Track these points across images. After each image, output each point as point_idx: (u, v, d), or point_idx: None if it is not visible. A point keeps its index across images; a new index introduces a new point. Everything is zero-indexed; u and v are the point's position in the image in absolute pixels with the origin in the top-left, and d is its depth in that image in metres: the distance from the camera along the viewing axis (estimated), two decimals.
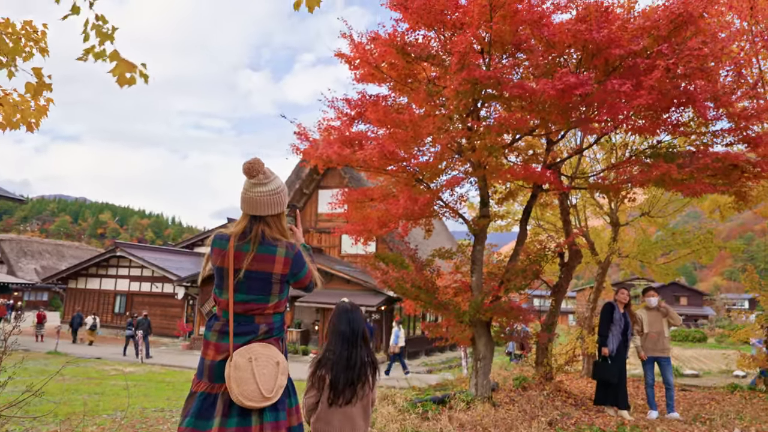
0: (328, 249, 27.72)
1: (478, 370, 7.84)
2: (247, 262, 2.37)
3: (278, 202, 2.45)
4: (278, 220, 2.48)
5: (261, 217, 2.44)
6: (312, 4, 3.09)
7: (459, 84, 6.50)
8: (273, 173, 2.48)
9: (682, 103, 6.80)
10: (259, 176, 2.42)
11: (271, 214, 2.44)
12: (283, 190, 2.49)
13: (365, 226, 7.92)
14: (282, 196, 2.48)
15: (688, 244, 11.40)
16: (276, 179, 2.48)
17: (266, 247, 2.40)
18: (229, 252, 2.38)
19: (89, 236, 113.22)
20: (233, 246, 2.39)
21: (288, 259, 2.42)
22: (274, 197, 2.44)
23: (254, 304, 2.39)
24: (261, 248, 2.39)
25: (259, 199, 2.41)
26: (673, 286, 60.18)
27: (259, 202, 2.41)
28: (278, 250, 2.41)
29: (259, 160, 2.43)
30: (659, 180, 7.03)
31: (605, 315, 7.64)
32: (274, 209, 2.45)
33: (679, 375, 13.94)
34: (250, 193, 2.41)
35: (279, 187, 2.46)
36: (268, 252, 2.40)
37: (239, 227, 2.44)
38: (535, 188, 8.42)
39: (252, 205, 2.42)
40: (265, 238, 2.41)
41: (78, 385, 12.87)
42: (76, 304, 32.22)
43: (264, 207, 2.42)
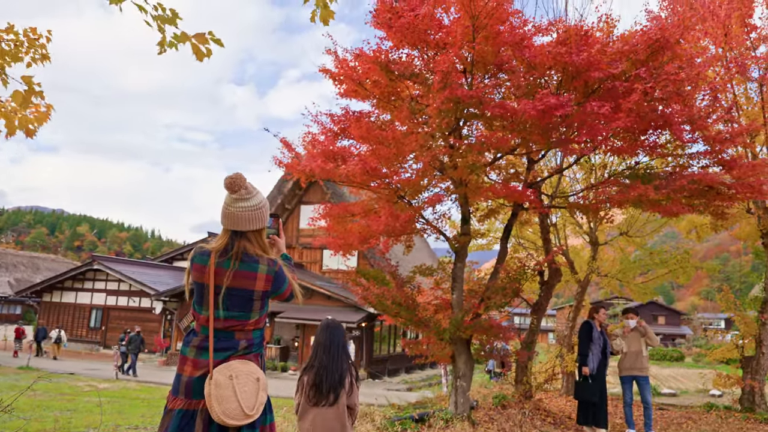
0: (309, 264, 27.59)
1: (457, 388, 7.82)
2: (228, 279, 2.35)
3: (260, 218, 2.44)
4: (259, 235, 2.47)
5: (242, 232, 2.42)
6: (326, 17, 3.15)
7: (441, 102, 6.57)
8: (255, 188, 2.47)
9: (660, 126, 6.94)
10: (240, 191, 2.40)
11: (252, 230, 2.43)
12: (265, 206, 2.48)
13: (346, 240, 7.92)
14: (264, 212, 2.47)
15: (665, 263, 11.56)
16: (258, 194, 2.46)
17: (248, 263, 2.38)
18: (210, 268, 2.36)
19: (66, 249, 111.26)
20: (214, 262, 2.37)
21: (269, 276, 2.40)
22: (256, 212, 2.42)
23: (234, 321, 2.37)
24: (242, 265, 2.37)
25: (241, 214, 2.39)
26: (651, 306, 60.75)
27: (240, 218, 2.39)
28: (260, 266, 2.39)
29: (240, 175, 2.42)
30: (637, 200, 7.14)
31: (584, 334, 7.68)
32: (256, 224, 2.43)
33: (657, 394, 14.05)
34: (232, 209, 2.40)
35: (261, 203, 2.45)
36: (249, 269, 2.38)
37: (220, 243, 2.42)
38: (515, 207, 8.50)
39: (233, 220, 2.40)
40: (247, 254, 2.39)
41: (50, 401, 12.55)
42: (51, 318, 31.56)
43: (245, 222, 2.40)
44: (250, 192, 2.43)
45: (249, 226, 2.41)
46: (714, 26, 9.23)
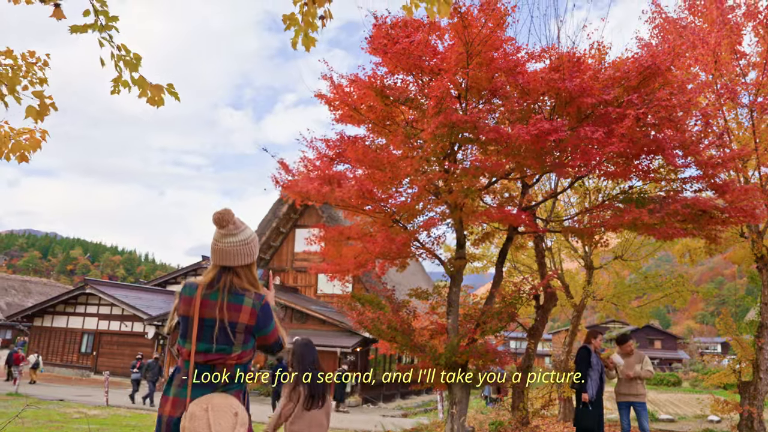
0: (304, 288, 27.45)
1: (453, 414, 7.73)
2: (213, 311, 2.33)
3: (249, 252, 2.43)
4: (248, 270, 2.45)
5: (231, 267, 2.41)
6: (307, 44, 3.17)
7: (436, 127, 6.62)
8: (243, 223, 2.46)
9: (652, 151, 7.01)
10: (229, 227, 2.39)
11: (241, 265, 2.42)
12: (254, 240, 2.46)
13: (341, 265, 7.89)
14: (252, 246, 2.45)
15: (661, 287, 11.55)
16: (246, 229, 2.45)
17: (234, 296, 2.36)
18: (196, 300, 2.34)
19: (59, 272, 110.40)
20: (201, 294, 2.35)
21: (254, 310, 2.37)
22: (245, 247, 2.41)
23: (217, 354, 2.33)
24: (229, 297, 2.36)
25: (230, 249, 2.38)
26: (647, 330, 60.56)
27: (229, 253, 2.38)
28: (245, 299, 2.37)
29: (229, 210, 2.41)
30: (631, 224, 7.17)
31: (583, 360, 7.58)
32: (245, 259, 2.42)
33: (655, 420, 13.91)
34: (221, 244, 2.39)
35: (249, 237, 2.44)
36: (235, 301, 2.36)
37: (208, 277, 2.41)
38: (510, 230, 8.51)
39: (222, 255, 2.39)
40: (234, 287, 2.38)
41: (39, 428, 12.32)
42: (42, 342, 31.15)
43: (234, 257, 2.39)
44: (238, 227, 2.42)
45: (238, 261, 2.40)
46: (704, 53, 9.38)
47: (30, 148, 3.78)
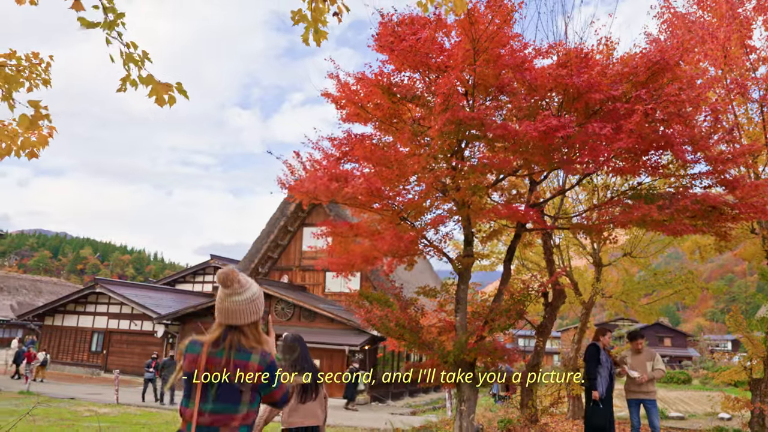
0: (312, 287, 27.51)
1: (462, 412, 7.71)
2: (219, 369, 2.29)
3: (255, 310, 2.41)
4: (255, 327, 2.42)
5: (237, 326, 2.38)
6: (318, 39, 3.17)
7: (443, 124, 6.60)
8: (248, 280, 2.44)
9: (661, 146, 6.96)
10: (234, 285, 2.37)
11: (247, 323, 2.39)
12: (260, 297, 2.44)
13: (349, 261, 7.89)
14: (258, 303, 2.43)
15: (670, 284, 11.48)
16: (251, 286, 2.43)
17: (240, 353, 2.33)
18: (202, 357, 2.31)
19: (69, 272, 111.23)
20: (206, 352, 2.32)
21: (261, 367, 2.34)
22: (251, 305, 2.39)
23: (222, 415, 2.28)
24: (235, 354, 2.33)
25: (236, 308, 2.36)
26: (656, 327, 60.27)
27: (235, 312, 2.36)
28: (252, 356, 2.34)
29: (233, 270, 2.39)
30: (640, 221, 7.12)
31: (592, 357, 7.54)
32: (251, 317, 2.40)
33: (665, 417, 13.83)
34: (226, 303, 2.36)
35: (255, 294, 2.42)
36: (241, 358, 2.32)
37: (213, 335, 2.37)
38: (518, 228, 8.48)
39: (228, 314, 2.36)
40: (240, 346, 2.35)
41: (50, 426, 12.42)
42: (52, 341, 31.41)
43: (240, 316, 2.37)
44: (243, 285, 2.40)
45: (244, 319, 2.38)
46: (713, 48, 9.30)
47: (39, 145, 3.81)
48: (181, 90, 3.08)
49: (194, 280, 39.77)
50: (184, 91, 3.08)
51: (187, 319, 27.04)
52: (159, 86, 3.04)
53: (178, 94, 3.07)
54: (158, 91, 3.05)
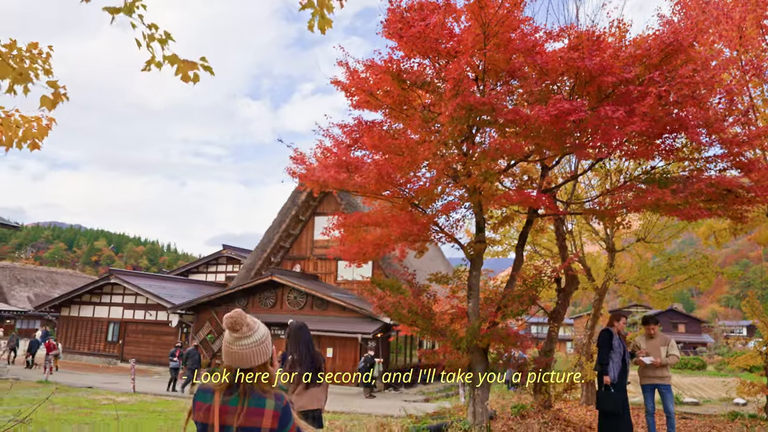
0: (324, 276, 27.62)
1: (475, 397, 7.74)
2: (233, 418, 2.25)
3: (264, 351, 2.37)
4: (264, 368, 2.38)
5: (247, 369, 2.34)
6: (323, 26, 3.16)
7: (454, 110, 6.56)
8: (255, 322, 2.40)
9: (675, 129, 6.87)
10: (243, 329, 2.33)
11: (258, 365, 2.36)
12: (268, 338, 2.41)
13: (360, 249, 7.90)
14: (267, 344, 2.39)
15: (684, 269, 11.38)
16: (259, 328, 2.39)
17: (255, 399, 2.29)
18: (215, 407, 2.27)
19: (84, 264, 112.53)
20: (219, 401, 2.28)
21: (277, 413, 2.29)
22: (260, 347, 2.35)
23: None
24: (249, 401, 2.28)
25: (245, 352, 2.32)
26: (670, 313, 59.95)
27: (245, 355, 2.32)
28: (267, 402, 2.30)
29: (241, 313, 2.35)
30: (654, 205, 7.06)
31: (604, 342, 7.52)
32: (261, 359, 2.36)
33: (679, 403, 13.78)
34: (235, 347, 2.32)
35: (263, 336, 2.38)
36: (256, 405, 2.28)
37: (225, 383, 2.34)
38: (530, 213, 8.44)
39: (237, 359, 2.32)
40: (253, 390, 2.31)
41: (69, 414, 12.63)
42: (69, 332, 31.86)
43: (250, 359, 2.33)
44: (251, 328, 2.36)
45: (254, 362, 2.34)
46: (728, 29, 9.13)
47: (39, 136, 3.82)
48: (206, 66, 3.09)
49: (207, 270, 40.09)
50: (209, 67, 3.09)
51: (201, 308, 27.29)
52: (184, 64, 3.06)
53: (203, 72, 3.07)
54: (183, 69, 3.06)
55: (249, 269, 28.52)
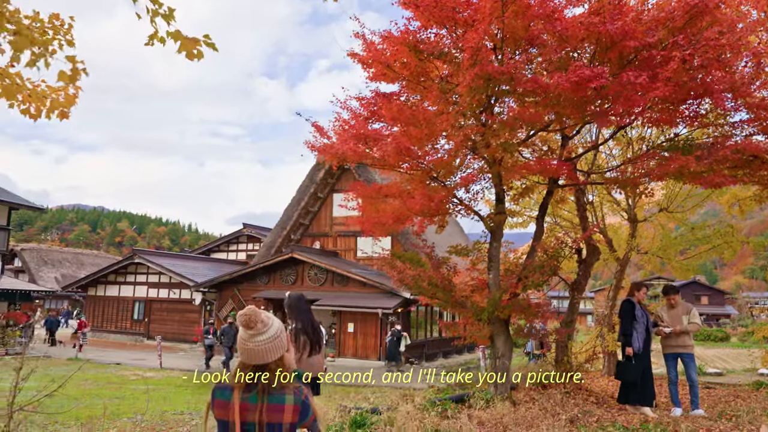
0: (344, 252, 27.78)
1: (497, 368, 7.78)
2: (254, 414, 2.28)
3: (280, 346, 2.39)
4: (281, 363, 2.40)
5: (264, 365, 2.37)
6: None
7: (472, 80, 6.47)
8: (270, 318, 2.41)
9: (700, 95, 6.71)
10: (257, 326, 2.34)
11: (274, 360, 2.38)
12: (283, 333, 2.42)
13: (380, 221, 7.90)
14: (282, 339, 2.41)
15: (708, 239, 11.22)
16: (273, 323, 2.41)
17: (274, 396, 2.31)
18: (234, 405, 2.29)
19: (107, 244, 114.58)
20: (239, 398, 2.30)
21: (297, 407, 2.32)
22: (275, 342, 2.37)
23: None
24: (269, 398, 2.31)
25: (261, 348, 2.34)
26: (693, 285, 59.38)
27: (261, 352, 2.34)
28: (287, 398, 2.32)
29: (255, 310, 2.37)
30: (677, 173, 6.94)
31: (627, 313, 7.49)
32: (277, 354, 2.38)
33: (703, 374, 13.71)
34: (250, 344, 2.33)
35: (278, 331, 2.40)
36: (276, 401, 2.31)
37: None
38: (550, 184, 8.36)
39: (253, 355, 2.34)
40: (272, 388, 2.33)
41: (99, 389, 13.00)
42: (96, 311, 32.61)
43: (266, 355, 2.35)
44: (266, 324, 2.37)
45: (270, 357, 2.35)
46: None
47: (67, 105, 3.86)
48: (209, 43, 3.08)
49: (228, 248, 40.59)
50: (211, 43, 3.08)
51: (223, 286, 27.69)
52: (187, 41, 3.05)
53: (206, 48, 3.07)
54: (186, 45, 3.05)
55: (269, 247, 28.78)
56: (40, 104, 3.69)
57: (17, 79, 3.81)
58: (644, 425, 6.58)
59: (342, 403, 7.39)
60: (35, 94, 3.69)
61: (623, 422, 6.77)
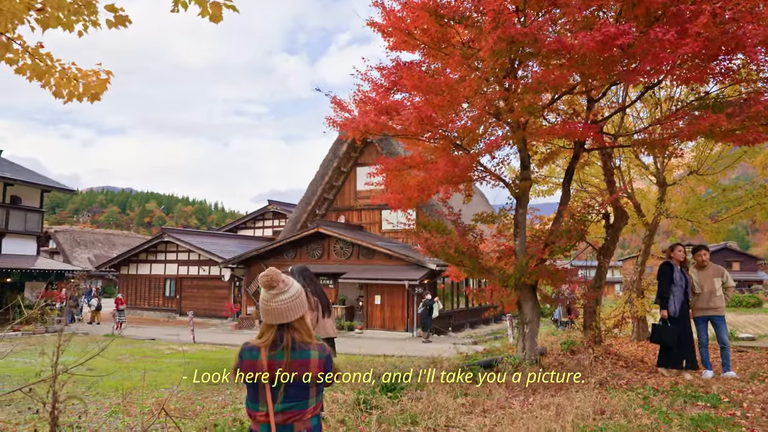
0: (368, 226, 27.90)
1: (524, 334, 7.80)
2: (283, 370, 2.37)
3: (301, 305, 2.47)
4: (303, 322, 2.49)
5: (287, 324, 2.44)
6: None
7: (494, 43, 6.36)
8: (289, 278, 2.50)
9: (731, 50, 6.48)
10: (279, 285, 2.42)
11: (296, 319, 2.46)
12: (302, 293, 2.50)
13: (405, 194, 7.89)
14: (303, 298, 2.48)
15: (740, 201, 10.95)
16: (293, 284, 2.49)
17: (299, 352, 2.40)
18: (263, 362, 2.38)
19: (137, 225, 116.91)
20: (266, 356, 2.38)
21: (321, 361, 2.42)
22: (296, 301, 2.45)
23: (294, 412, 2.38)
24: (295, 354, 2.39)
25: (283, 307, 2.41)
26: (725, 252, 58.32)
27: (283, 311, 2.41)
28: (312, 353, 2.42)
29: (276, 271, 2.44)
30: (708, 131, 6.76)
31: (665, 275, 7.38)
32: (299, 312, 2.45)
33: (734, 339, 13.55)
34: (273, 304, 2.41)
35: (298, 291, 2.48)
36: (301, 357, 2.40)
37: (268, 338, 2.43)
38: (576, 148, 8.23)
39: (276, 315, 2.42)
40: (296, 344, 2.41)
41: (136, 363, 13.41)
42: (129, 288, 33.46)
43: (288, 314, 2.42)
44: (286, 284, 2.45)
45: (292, 316, 2.43)
46: None
47: (99, 88, 3.92)
48: (229, 5, 3.10)
49: (254, 225, 41.08)
50: (232, 5, 3.10)
51: (251, 261, 28.12)
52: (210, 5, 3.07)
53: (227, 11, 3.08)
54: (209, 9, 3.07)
55: (295, 222, 29.04)
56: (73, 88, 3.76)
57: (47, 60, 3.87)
58: (674, 387, 6.56)
59: (372, 370, 7.50)
60: (64, 74, 3.75)
61: (653, 384, 6.75)
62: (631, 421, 5.10)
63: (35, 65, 3.83)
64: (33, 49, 3.80)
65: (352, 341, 19.41)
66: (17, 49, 3.57)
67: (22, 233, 25.06)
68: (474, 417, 5.39)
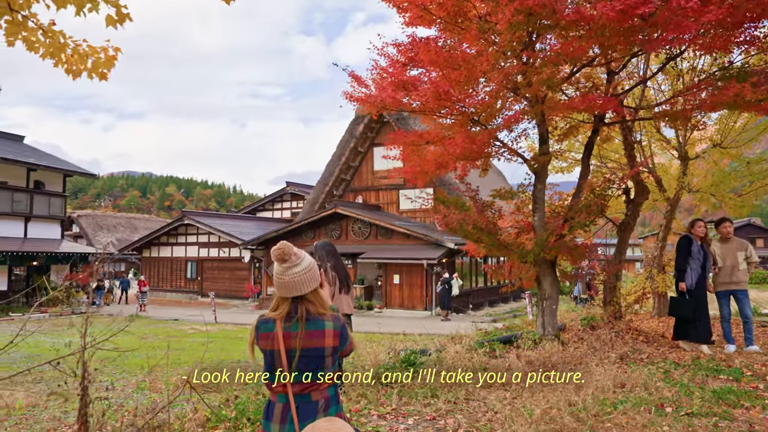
0: (386, 206, 27.91)
1: (544, 309, 7.79)
2: (298, 341, 2.38)
3: (314, 277, 2.48)
4: (317, 294, 2.50)
5: (301, 296, 2.46)
6: None
7: (512, 15, 6.26)
8: (302, 252, 2.50)
9: (756, 16, 6.31)
10: (292, 258, 2.43)
11: (310, 291, 2.47)
12: (315, 266, 2.51)
13: (422, 168, 7.87)
14: (315, 271, 2.50)
15: (765, 173, 10.73)
16: (305, 257, 2.50)
17: (314, 323, 2.42)
18: (278, 333, 2.39)
19: (157, 208, 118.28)
20: (281, 328, 2.40)
21: (337, 332, 2.44)
22: (309, 273, 2.46)
23: (311, 382, 2.40)
24: (309, 325, 2.41)
25: (297, 279, 2.42)
26: (748, 228, 57.29)
27: (296, 283, 2.42)
28: (326, 323, 2.43)
29: (288, 244, 2.45)
30: (732, 102, 6.61)
31: (683, 249, 7.33)
32: (312, 285, 2.47)
33: (757, 314, 13.37)
34: (286, 277, 2.42)
35: (311, 263, 2.49)
36: (316, 327, 2.41)
37: (283, 310, 2.45)
38: (596, 122, 8.12)
39: (290, 287, 2.43)
40: (311, 315, 2.43)
41: (160, 342, 13.68)
42: (152, 271, 33.99)
43: (302, 286, 2.43)
44: (299, 257, 2.46)
45: (306, 288, 2.44)
46: None
47: (107, 66, 3.92)
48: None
49: (273, 207, 41.35)
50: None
51: (270, 243, 28.35)
52: None
53: None
54: None
55: (313, 203, 29.15)
56: (83, 65, 3.78)
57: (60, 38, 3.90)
58: (696, 361, 6.52)
59: (392, 347, 7.57)
60: (76, 51, 3.77)
61: (674, 359, 6.72)
62: (651, 393, 5.09)
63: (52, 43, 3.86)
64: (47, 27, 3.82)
65: (371, 320, 19.56)
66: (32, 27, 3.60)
67: (47, 217, 25.51)
68: (494, 390, 5.42)
